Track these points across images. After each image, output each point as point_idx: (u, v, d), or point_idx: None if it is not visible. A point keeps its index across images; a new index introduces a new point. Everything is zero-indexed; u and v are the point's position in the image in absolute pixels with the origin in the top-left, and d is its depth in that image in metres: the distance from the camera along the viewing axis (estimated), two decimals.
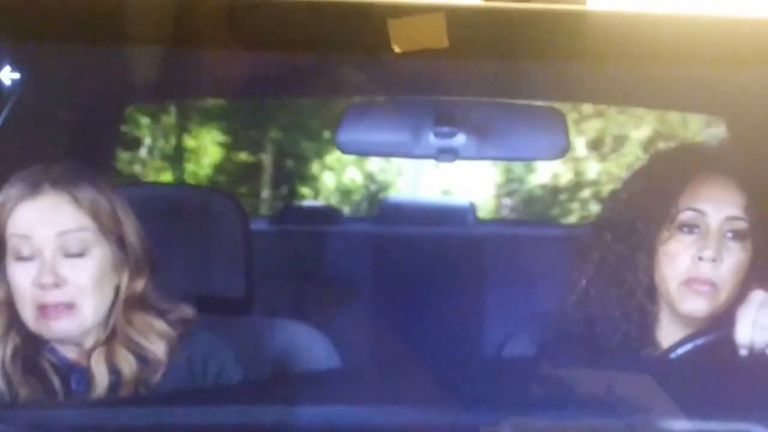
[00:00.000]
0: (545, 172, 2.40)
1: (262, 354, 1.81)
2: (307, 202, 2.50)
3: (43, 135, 1.80)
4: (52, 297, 1.56)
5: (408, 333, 2.04)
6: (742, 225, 1.67)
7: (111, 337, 1.60)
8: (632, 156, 1.95)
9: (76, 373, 1.60)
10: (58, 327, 1.57)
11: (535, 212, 2.45)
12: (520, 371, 1.74)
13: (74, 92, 1.84)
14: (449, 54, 1.51)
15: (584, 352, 1.73)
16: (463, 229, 2.46)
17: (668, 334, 1.72)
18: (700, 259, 1.66)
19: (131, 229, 1.62)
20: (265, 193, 2.44)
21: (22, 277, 1.57)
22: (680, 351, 1.68)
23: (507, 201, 2.50)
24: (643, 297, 1.71)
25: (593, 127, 2.24)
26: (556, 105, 2.18)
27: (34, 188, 1.57)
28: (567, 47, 1.54)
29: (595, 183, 2.22)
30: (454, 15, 1.50)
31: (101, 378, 1.58)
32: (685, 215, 1.68)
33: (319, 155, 2.41)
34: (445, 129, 2.20)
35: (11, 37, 1.59)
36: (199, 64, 1.68)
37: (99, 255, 1.58)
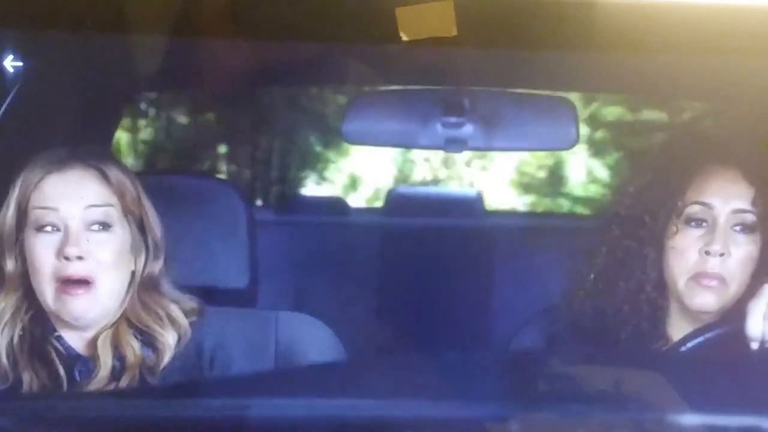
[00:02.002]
0: (554, 163, 2.39)
1: (267, 345, 1.80)
2: (314, 193, 2.49)
3: (46, 123, 1.79)
4: (74, 269, 1.56)
5: (415, 325, 2.03)
6: (750, 218, 1.65)
7: (120, 321, 1.59)
8: (641, 147, 1.93)
9: (80, 363, 1.59)
10: (76, 305, 1.57)
11: (544, 203, 2.43)
12: (529, 364, 1.72)
13: (77, 81, 1.83)
14: (457, 43, 1.49)
15: (593, 345, 1.71)
16: (471, 220, 2.44)
17: (678, 327, 1.70)
18: (708, 253, 1.64)
19: (151, 214, 1.63)
20: (271, 184, 2.42)
21: (44, 248, 1.56)
22: (690, 344, 1.67)
23: (515, 191, 2.49)
24: (651, 291, 1.69)
25: (604, 116, 2.23)
26: (566, 94, 2.16)
27: (62, 163, 1.58)
28: (575, 37, 1.53)
29: (604, 174, 2.21)
30: (462, 3, 1.49)
31: (105, 364, 1.58)
32: (692, 209, 1.66)
33: (326, 145, 2.39)
34: (453, 119, 2.18)
35: (14, 25, 1.59)
36: (204, 53, 1.67)
37: (120, 233, 1.59)
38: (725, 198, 1.65)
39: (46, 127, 1.79)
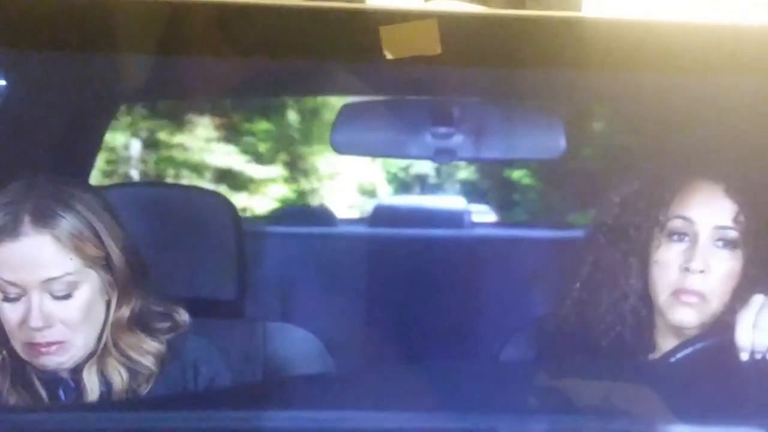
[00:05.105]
0: (541, 174, 2.39)
1: (255, 358, 1.80)
2: (301, 204, 2.48)
3: (29, 141, 1.78)
4: (42, 336, 1.54)
5: (402, 336, 2.02)
6: (732, 234, 1.64)
7: (103, 350, 1.58)
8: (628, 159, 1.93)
9: (63, 384, 1.58)
10: (49, 361, 1.56)
11: (530, 214, 2.43)
12: (516, 375, 1.72)
13: (61, 99, 1.82)
14: (442, 61, 1.48)
15: (580, 356, 1.71)
16: (458, 231, 2.44)
17: (665, 339, 1.70)
18: (688, 270, 1.63)
19: (116, 250, 1.58)
20: (259, 195, 2.42)
21: (12, 316, 1.54)
22: (679, 355, 1.66)
23: (501, 203, 2.49)
24: (636, 302, 1.69)
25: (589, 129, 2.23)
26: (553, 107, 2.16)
27: (14, 225, 1.53)
28: (563, 54, 1.52)
29: (590, 185, 2.21)
30: (447, 22, 1.47)
31: (92, 388, 1.57)
32: (675, 223, 1.65)
33: (314, 156, 2.39)
34: (443, 129, 2.18)
35: None
36: (190, 71, 1.66)
37: (86, 290, 1.56)
38: (707, 214, 1.64)
39: (31, 143, 1.78)
